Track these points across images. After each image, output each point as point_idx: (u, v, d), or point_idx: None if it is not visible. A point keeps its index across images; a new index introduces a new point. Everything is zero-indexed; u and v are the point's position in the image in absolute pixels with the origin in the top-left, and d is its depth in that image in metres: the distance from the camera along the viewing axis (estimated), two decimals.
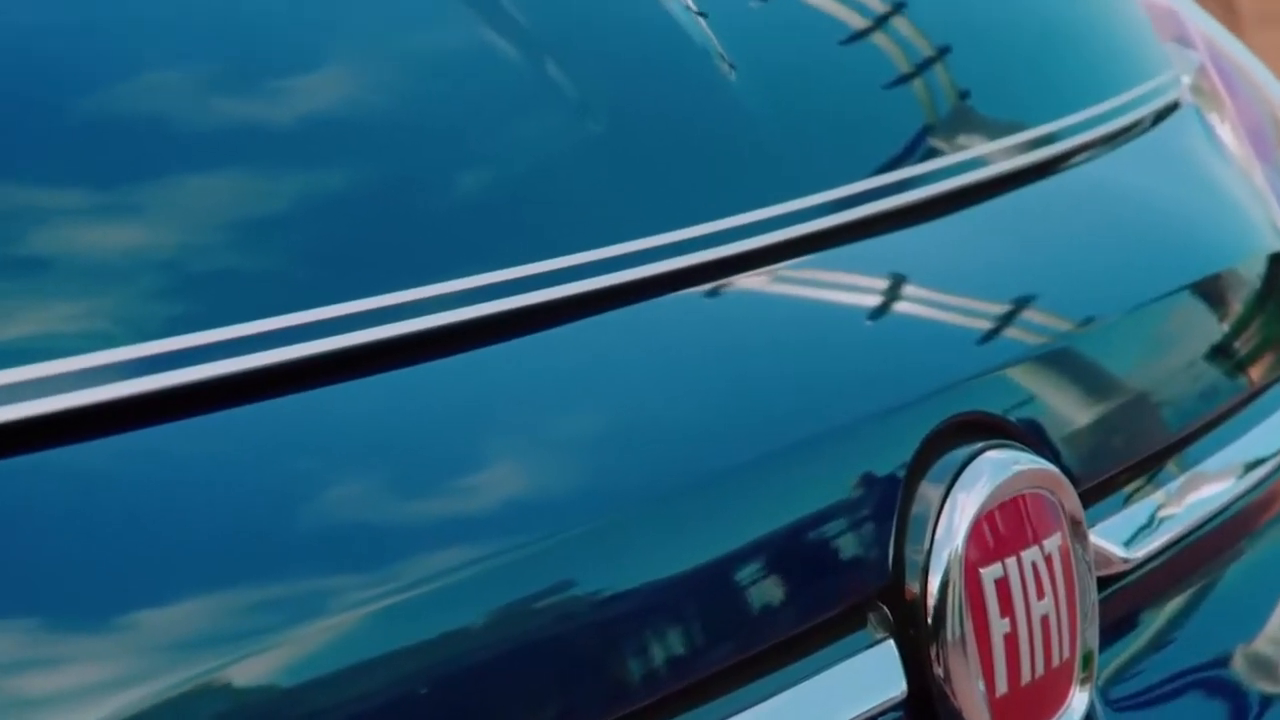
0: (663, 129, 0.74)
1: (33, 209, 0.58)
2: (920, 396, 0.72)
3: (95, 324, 0.57)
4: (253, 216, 0.63)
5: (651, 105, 0.74)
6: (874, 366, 0.72)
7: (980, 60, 0.91)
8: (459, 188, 0.68)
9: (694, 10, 0.80)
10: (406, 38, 0.71)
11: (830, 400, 0.70)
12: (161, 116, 0.63)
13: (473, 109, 0.70)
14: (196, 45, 0.66)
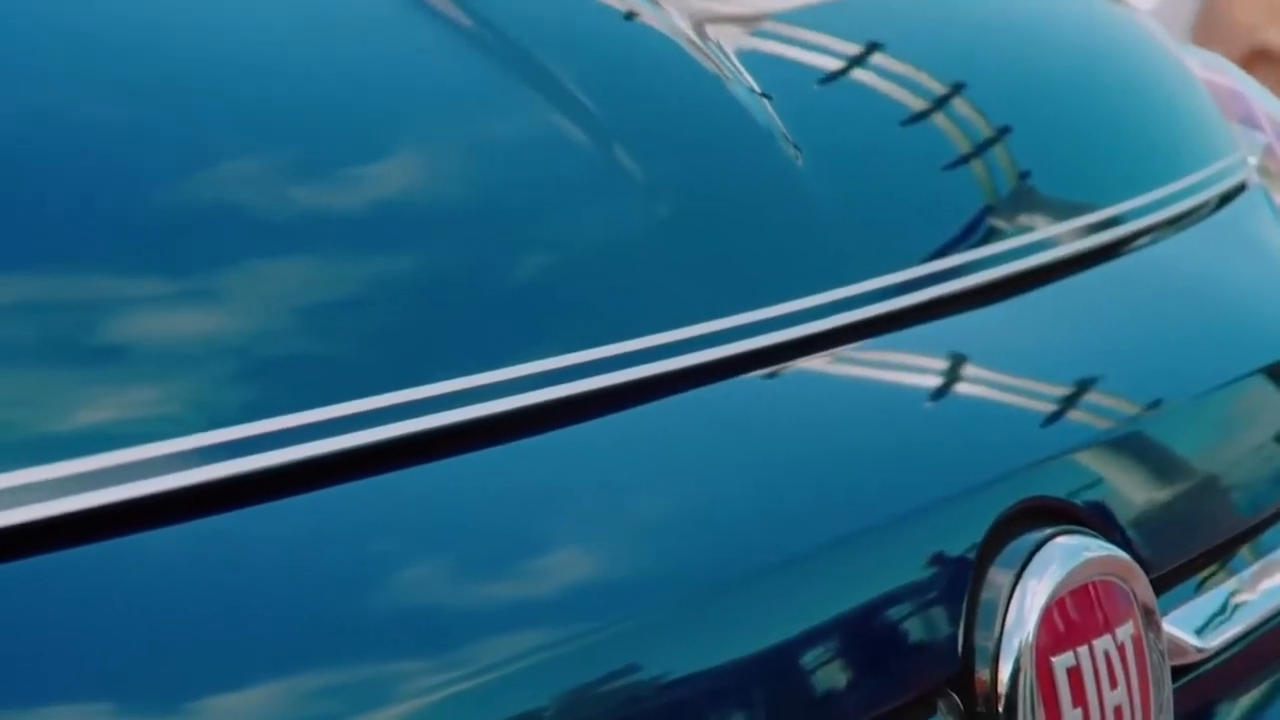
0: (729, 212, 0.74)
1: (109, 296, 0.59)
2: (989, 481, 0.72)
3: (170, 410, 0.57)
4: (326, 301, 0.63)
5: (718, 188, 0.75)
6: (942, 450, 0.72)
7: (1045, 141, 0.92)
8: (527, 272, 0.69)
9: (758, 93, 0.81)
10: (477, 123, 0.72)
11: (898, 484, 0.70)
12: (236, 204, 0.64)
13: (542, 193, 0.71)
14: (271, 132, 0.67)
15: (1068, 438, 0.77)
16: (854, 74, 0.88)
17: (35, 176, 0.61)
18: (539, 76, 0.73)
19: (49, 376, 0.56)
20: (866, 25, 0.93)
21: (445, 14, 0.75)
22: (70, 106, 0.64)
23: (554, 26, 0.78)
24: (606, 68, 0.77)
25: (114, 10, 0.70)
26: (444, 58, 0.73)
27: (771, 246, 0.74)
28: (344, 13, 0.75)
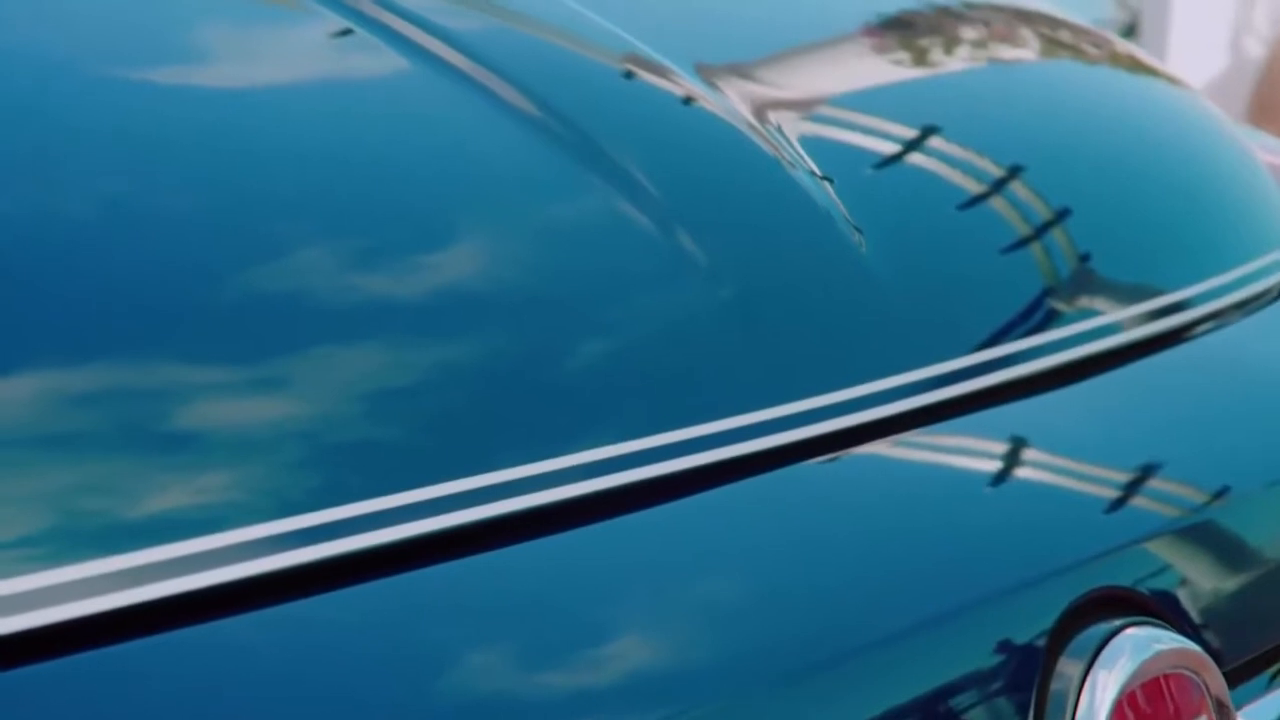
0: (792, 296, 0.74)
1: (181, 384, 0.60)
2: (1057, 569, 0.71)
3: (240, 498, 0.58)
4: (394, 388, 0.64)
5: (781, 272, 0.75)
6: (1009, 538, 0.72)
7: (1108, 224, 0.91)
8: (592, 358, 0.69)
9: (819, 176, 0.81)
10: (542, 210, 0.73)
11: (965, 572, 0.69)
12: (308, 291, 0.65)
13: (607, 279, 0.71)
14: (342, 221, 0.68)
15: (1136, 526, 0.76)
16: (914, 156, 0.88)
17: (113, 266, 0.62)
18: (603, 163, 0.74)
19: (123, 465, 0.57)
20: (925, 107, 0.93)
21: (511, 101, 0.76)
22: (145, 198, 0.65)
23: (617, 113, 0.78)
24: (669, 153, 0.77)
25: (188, 107, 0.72)
26: (510, 146, 0.74)
27: (835, 331, 0.74)
28: (414, 102, 0.76)
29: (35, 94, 0.70)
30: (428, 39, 0.78)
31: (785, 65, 0.97)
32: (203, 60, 0.77)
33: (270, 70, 0.77)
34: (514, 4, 0.87)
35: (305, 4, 0.80)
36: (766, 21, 1.02)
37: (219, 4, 0.82)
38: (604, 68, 0.83)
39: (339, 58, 0.80)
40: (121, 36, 0.76)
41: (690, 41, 0.90)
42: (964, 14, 1.14)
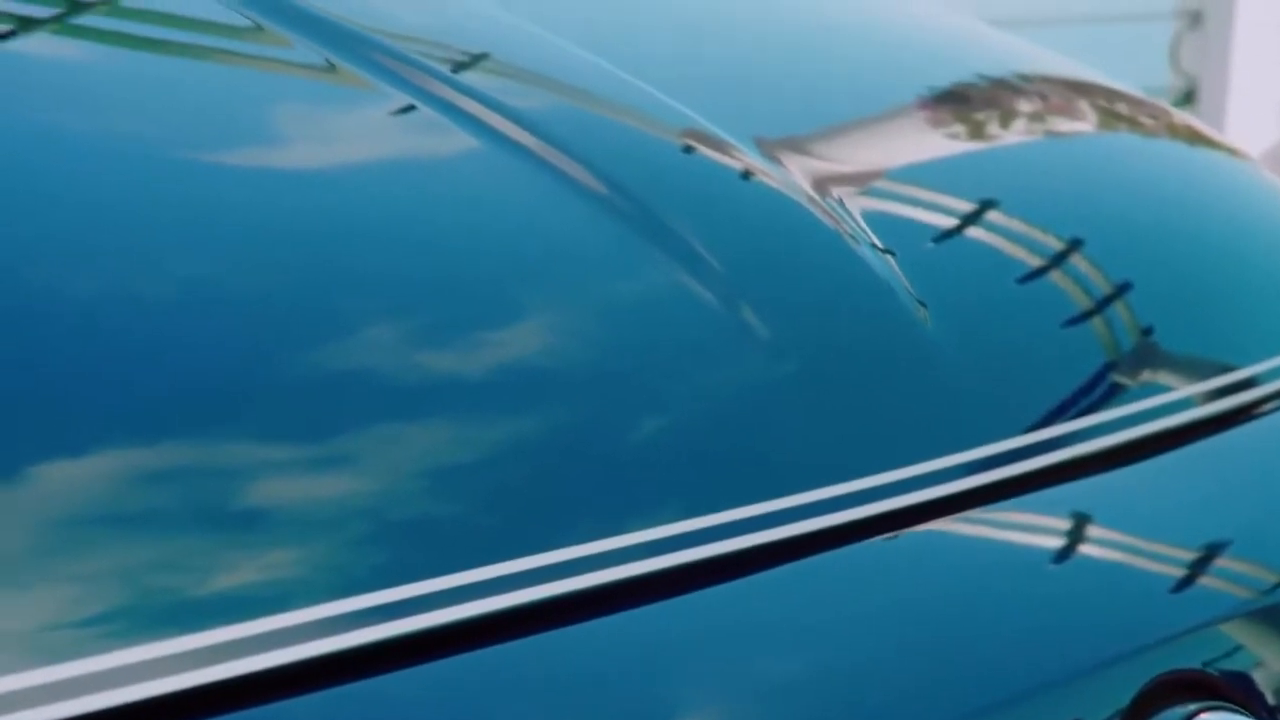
0: (855, 371, 0.73)
1: (248, 463, 0.60)
2: (1128, 652, 0.70)
3: (309, 576, 0.57)
4: (457, 466, 0.63)
5: (844, 347, 0.74)
6: (1078, 620, 0.70)
7: (1171, 300, 0.91)
8: (655, 434, 0.68)
9: (880, 249, 0.81)
10: (606, 286, 0.73)
11: (1034, 655, 0.68)
12: (377, 369, 0.65)
13: (669, 354, 0.71)
14: (405, 299, 0.68)
15: (1208, 608, 0.75)
16: (975, 230, 0.88)
17: (183, 346, 0.62)
18: (667, 238, 0.74)
19: (188, 544, 0.57)
20: (985, 180, 0.93)
21: (575, 178, 0.76)
22: (214, 279, 0.66)
23: (681, 189, 0.78)
24: (732, 228, 0.77)
25: (257, 188, 0.72)
26: (574, 222, 0.74)
27: (899, 407, 0.74)
28: (479, 180, 0.76)
29: (103, 175, 0.70)
30: (494, 117, 0.78)
31: (844, 139, 0.97)
32: (272, 141, 0.78)
33: (338, 150, 0.78)
34: (575, 81, 0.87)
35: (373, 83, 0.81)
36: (823, 95, 1.02)
37: (288, 84, 0.83)
38: (666, 143, 0.83)
39: (405, 136, 0.80)
40: (190, 118, 0.77)
41: (749, 115, 0.91)
42: (1020, 86, 1.14)
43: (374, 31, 0.84)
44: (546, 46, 0.91)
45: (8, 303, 0.62)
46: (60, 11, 0.85)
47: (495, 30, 0.92)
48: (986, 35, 1.25)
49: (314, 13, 0.85)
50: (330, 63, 0.82)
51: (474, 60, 0.87)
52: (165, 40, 0.85)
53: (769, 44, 1.12)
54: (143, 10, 0.87)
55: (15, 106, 0.74)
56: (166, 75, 0.82)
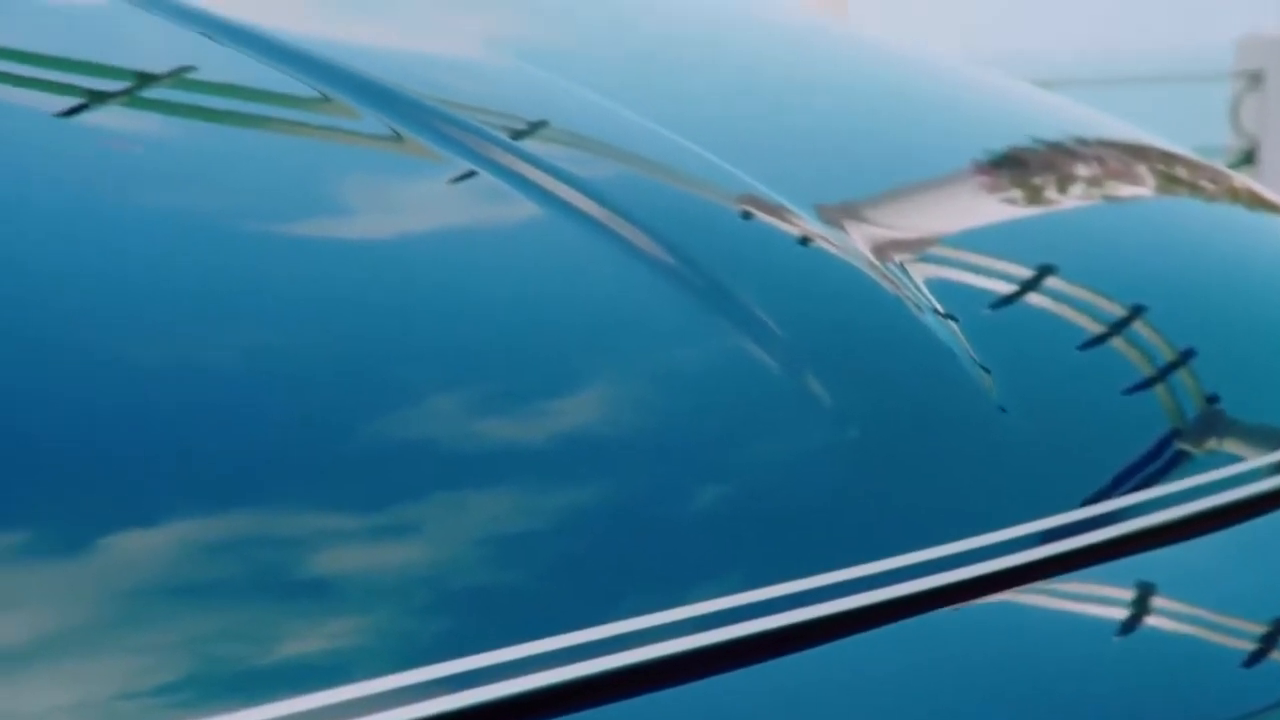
0: (920, 439, 0.73)
1: (308, 532, 0.60)
2: None
3: (366, 648, 0.57)
4: (521, 536, 0.63)
5: (908, 415, 0.74)
6: (1147, 694, 0.69)
7: (1236, 367, 0.89)
8: (717, 503, 0.68)
9: (943, 314, 0.81)
10: (670, 353, 0.73)
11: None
12: (439, 437, 0.65)
13: (733, 421, 0.70)
14: (473, 368, 0.68)
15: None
16: (1036, 295, 0.88)
17: (250, 416, 0.62)
18: (730, 306, 0.73)
19: (255, 614, 0.57)
20: (1045, 245, 0.92)
21: (638, 245, 0.76)
22: (279, 349, 0.66)
23: (742, 256, 0.78)
24: (794, 295, 0.76)
25: (321, 258, 0.73)
26: (637, 290, 0.74)
27: (964, 476, 0.73)
28: (542, 248, 0.77)
29: (172, 247, 0.71)
30: (557, 185, 0.79)
31: (902, 204, 0.97)
32: (341, 211, 0.78)
33: (406, 219, 0.78)
34: (635, 147, 0.88)
35: (439, 153, 0.81)
36: (878, 158, 1.02)
37: (357, 155, 0.84)
38: (727, 210, 0.83)
39: (470, 205, 0.81)
40: (260, 189, 0.77)
41: (806, 179, 0.91)
42: (1076, 150, 1.14)
43: (439, 101, 0.85)
44: (605, 113, 0.92)
45: (79, 368, 0.63)
46: (129, 85, 0.86)
47: (555, 97, 0.93)
48: (1039, 98, 1.25)
49: (380, 83, 0.86)
50: (397, 133, 0.83)
51: (536, 128, 0.88)
52: (234, 112, 0.86)
53: (822, 106, 1.12)
54: (211, 83, 0.88)
55: (86, 180, 0.75)
56: (236, 147, 0.83)
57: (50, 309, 0.65)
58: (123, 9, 0.93)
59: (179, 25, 0.90)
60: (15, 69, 0.85)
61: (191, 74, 0.88)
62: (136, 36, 0.91)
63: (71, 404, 0.61)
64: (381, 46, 0.97)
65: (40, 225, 0.70)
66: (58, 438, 0.60)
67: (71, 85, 0.85)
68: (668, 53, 1.19)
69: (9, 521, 0.57)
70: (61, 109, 0.81)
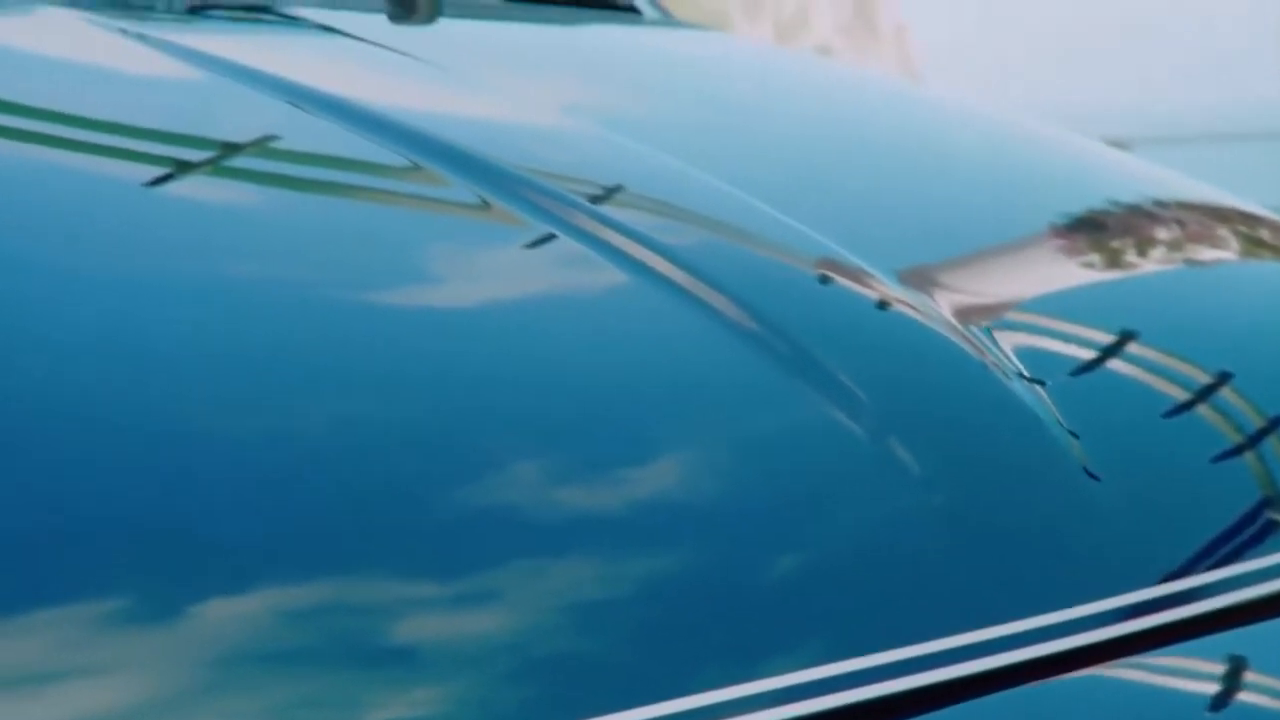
0: (1008, 507, 0.72)
1: (399, 600, 0.60)
2: None
3: (444, 714, 0.57)
4: (605, 603, 0.63)
5: (995, 482, 0.72)
6: None
7: None
8: (802, 571, 0.67)
9: (1028, 378, 0.80)
10: (754, 420, 0.72)
11: None
12: (515, 505, 0.64)
13: (819, 488, 0.69)
14: (557, 435, 0.67)
15: None
16: (1121, 360, 0.87)
17: (334, 485, 0.62)
18: (814, 371, 0.73)
19: (334, 682, 0.56)
20: (1128, 310, 0.91)
21: (722, 311, 0.75)
22: (360, 418, 0.66)
23: (826, 321, 0.77)
24: (878, 360, 0.76)
25: (410, 325, 0.73)
26: (722, 356, 0.73)
27: (1054, 545, 0.71)
28: (626, 314, 0.76)
29: (261, 315, 0.71)
30: (642, 251, 0.78)
31: (981, 267, 0.96)
32: (426, 277, 0.78)
33: (491, 286, 0.78)
34: (717, 213, 0.88)
35: (527, 220, 0.81)
36: (955, 220, 1.02)
37: (443, 222, 0.84)
38: (809, 276, 0.83)
39: (557, 272, 0.81)
40: (352, 257, 0.78)
41: (884, 243, 0.90)
42: (1155, 212, 1.13)
43: (525, 169, 0.85)
44: (685, 178, 0.92)
45: (174, 437, 0.63)
46: (214, 154, 0.87)
47: (636, 163, 0.93)
48: (1115, 158, 1.25)
49: (468, 151, 0.86)
50: (485, 200, 0.83)
51: (619, 194, 0.88)
52: (325, 181, 0.87)
53: (896, 167, 1.12)
54: (298, 152, 0.89)
55: (173, 250, 0.75)
56: (328, 215, 0.83)
57: (148, 379, 0.66)
58: (210, 80, 0.94)
59: (267, 95, 0.91)
60: (104, 140, 0.86)
61: (283, 143, 0.89)
62: (225, 107, 0.92)
63: (167, 475, 0.61)
64: (466, 115, 0.98)
65: (131, 296, 0.71)
66: (159, 509, 0.60)
67: (160, 155, 0.86)
68: (743, 116, 1.19)
69: (104, 591, 0.57)
70: (149, 179, 0.82)
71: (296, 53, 1.07)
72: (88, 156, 0.84)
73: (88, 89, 0.92)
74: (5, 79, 0.90)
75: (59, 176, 0.81)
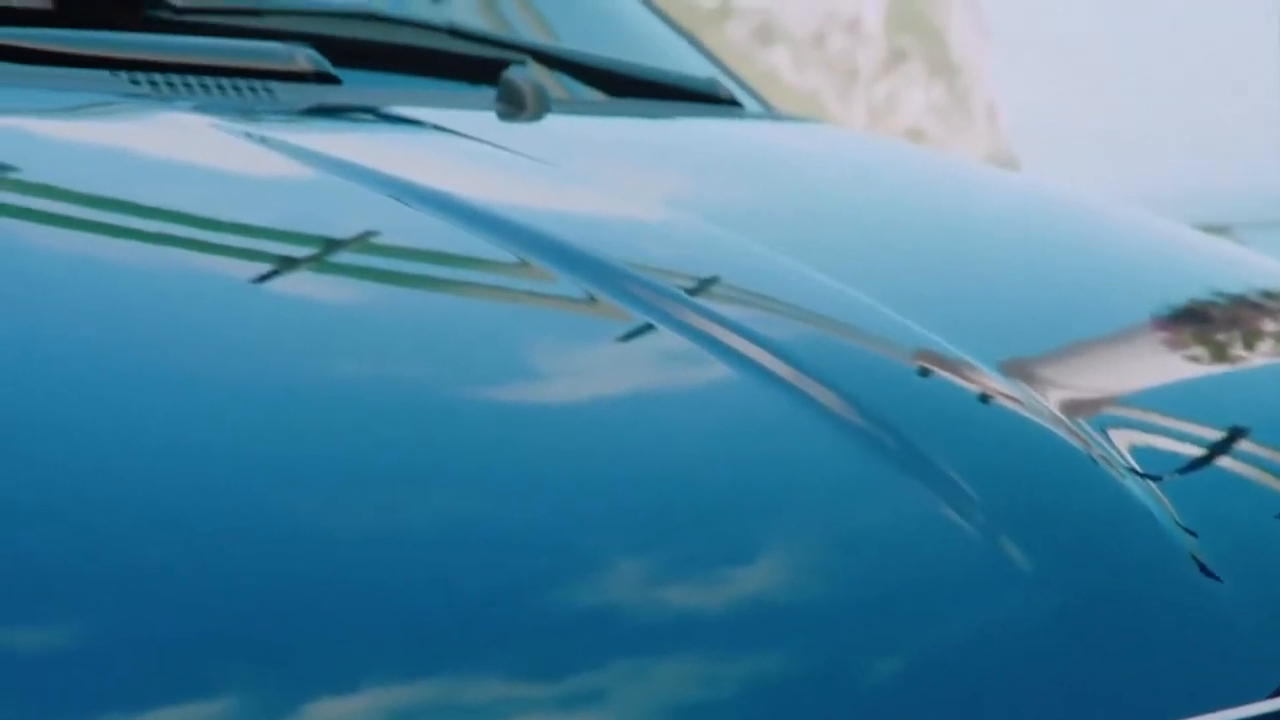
0: (1125, 610, 0.70)
1: (497, 698, 0.59)
2: None
3: None
4: (714, 703, 0.62)
5: (1111, 582, 0.70)
6: None
7: None
8: (912, 670, 0.66)
9: (1141, 474, 0.79)
10: (864, 515, 0.71)
11: None
12: (618, 604, 0.64)
13: (929, 586, 0.68)
14: (663, 532, 0.67)
15: None
16: (1232, 455, 0.85)
17: (440, 582, 0.62)
18: (922, 466, 0.72)
19: None
20: (1236, 402, 0.90)
21: (827, 405, 0.75)
22: (470, 515, 0.66)
23: (930, 414, 0.76)
24: (986, 454, 0.74)
25: (513, 422, 0.73)
26: (829, 451, 0.72)
27: (1175, 650, 0.69)
28: (733, 407, 0.76)
29: (368, 410, 0.72)
30: (747, 345, 0.78)
31: (1084, 358, 0.95)
32: (529, 372, 0.78)
33: (598, 381, 0.78)
34: (819, 306, 0.88)
35: (629, 313, 0.81)
36: (1054, 309, 1.01)
37: (546, 317, 0.84)
38: (911, 368, 0.82)
39: (664, 367, 0.81)
40: (447, 354, 0.78)
41: (988, 335, 0.90)
42: (1259, 302, 1.12)
43: (629, 264, 0.86)
44: (787, 271, 0.92)
45: (285, 536, 0.63)
46: (325, 251, 0.88)
47: (737, 257, 0.93)
48: (1215, 246, 1.23)
49: (573, 246, 0.86)
50: (591, 295, 0.83)
51: (725, 289, 0.88)
52: (432, 277, 0.88)
53: (991, 254, 1.11)
54: (408, 248, 0.90)
55: (277, 347, 0.76)
56: (435, 311, 0.84)
57: (258, 479, 0.66)
58: (326, 179, 0.95)
59: (380, 193, 0.92)
60: (207, 236, 0.87)
61: (393, 240, 0.90)
62: (339, 205, 0.93)
63: (286, 575, 0.61)
64: (573, 210, 0.99)
65: (241, 394, 0.71)
66: (277, 609, 0.60)
67: (273, 253, 0.87)
68: (844, 208, 1.19)
69: (223, 694, 0.57)
70: (254, 275, 0.83)
71: (409, 151, 1.08)
72: (203, 254, 0.85)
73: (207, 189, 0.94)
74: (131, 181, 0.92)
75: (174, 274, 0.82)
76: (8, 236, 0.83)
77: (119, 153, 0.99)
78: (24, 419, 0.66)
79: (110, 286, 0.79)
